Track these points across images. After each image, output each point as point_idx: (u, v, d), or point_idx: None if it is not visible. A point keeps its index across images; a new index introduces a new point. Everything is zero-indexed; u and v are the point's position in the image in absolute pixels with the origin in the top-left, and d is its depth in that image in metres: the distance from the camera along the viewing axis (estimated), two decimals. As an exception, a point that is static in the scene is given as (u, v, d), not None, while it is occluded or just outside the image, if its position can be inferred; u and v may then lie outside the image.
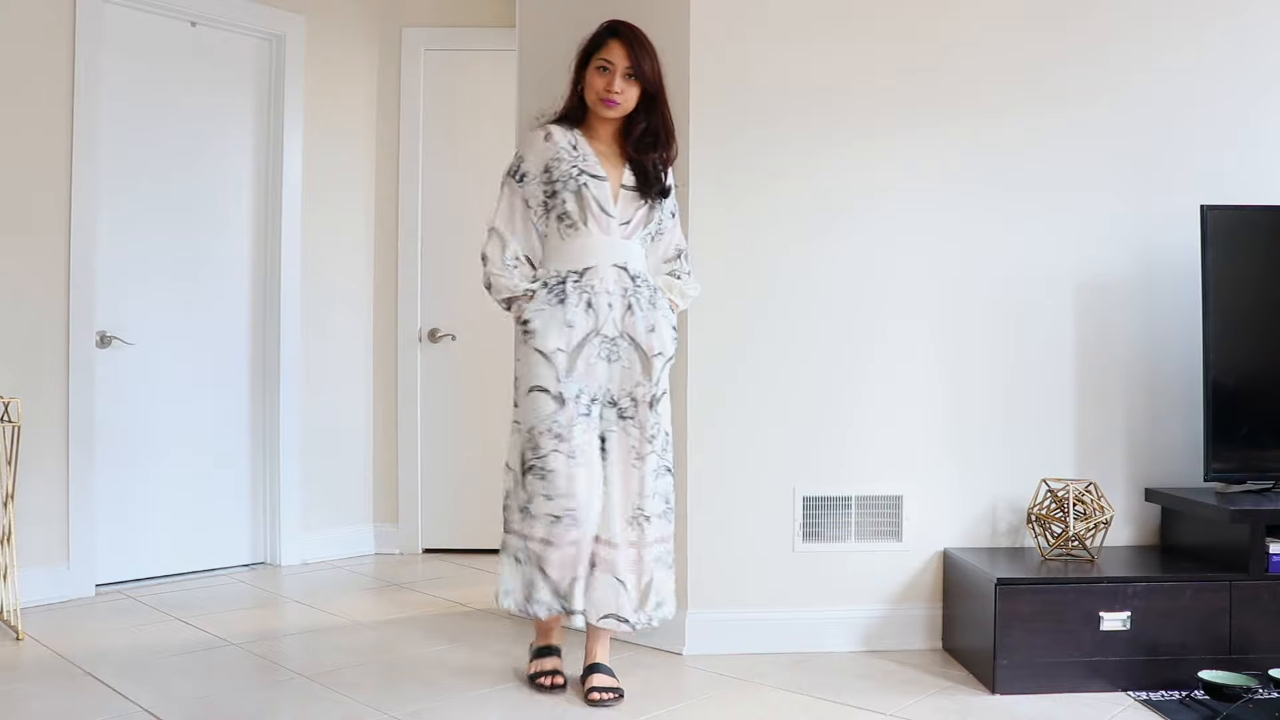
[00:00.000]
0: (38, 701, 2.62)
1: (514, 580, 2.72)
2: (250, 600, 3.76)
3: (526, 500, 2.68)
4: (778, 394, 3.12)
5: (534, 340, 2.66)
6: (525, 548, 2.69)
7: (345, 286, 4.53)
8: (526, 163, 2.75)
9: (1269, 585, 2.78)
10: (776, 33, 3.12)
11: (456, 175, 4.57)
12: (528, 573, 2.70)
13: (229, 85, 4.21)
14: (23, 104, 3.59)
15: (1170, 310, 3.20)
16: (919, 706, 2.65)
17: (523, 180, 2.75)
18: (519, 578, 2.71)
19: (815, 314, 3.13)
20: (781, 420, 3.12)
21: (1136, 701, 2.68)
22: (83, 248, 3.72)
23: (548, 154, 2.72)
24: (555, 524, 2.63)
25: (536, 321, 2.66)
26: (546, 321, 2.66)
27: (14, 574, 3.29)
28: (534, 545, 2.67)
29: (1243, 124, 3.22)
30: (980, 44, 3.17)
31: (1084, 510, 2.95)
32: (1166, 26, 3.21)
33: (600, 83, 2.68)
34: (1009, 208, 3.18)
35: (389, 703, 2.64)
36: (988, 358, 3.18)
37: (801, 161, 3.13)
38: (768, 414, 3.12)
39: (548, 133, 2.74)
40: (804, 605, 3.13)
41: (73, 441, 3.69)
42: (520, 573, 2.71)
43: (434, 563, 4.42)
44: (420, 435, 4.58)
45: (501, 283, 2.72)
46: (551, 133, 2.73)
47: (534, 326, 2.66)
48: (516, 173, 2.76)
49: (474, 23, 4.57)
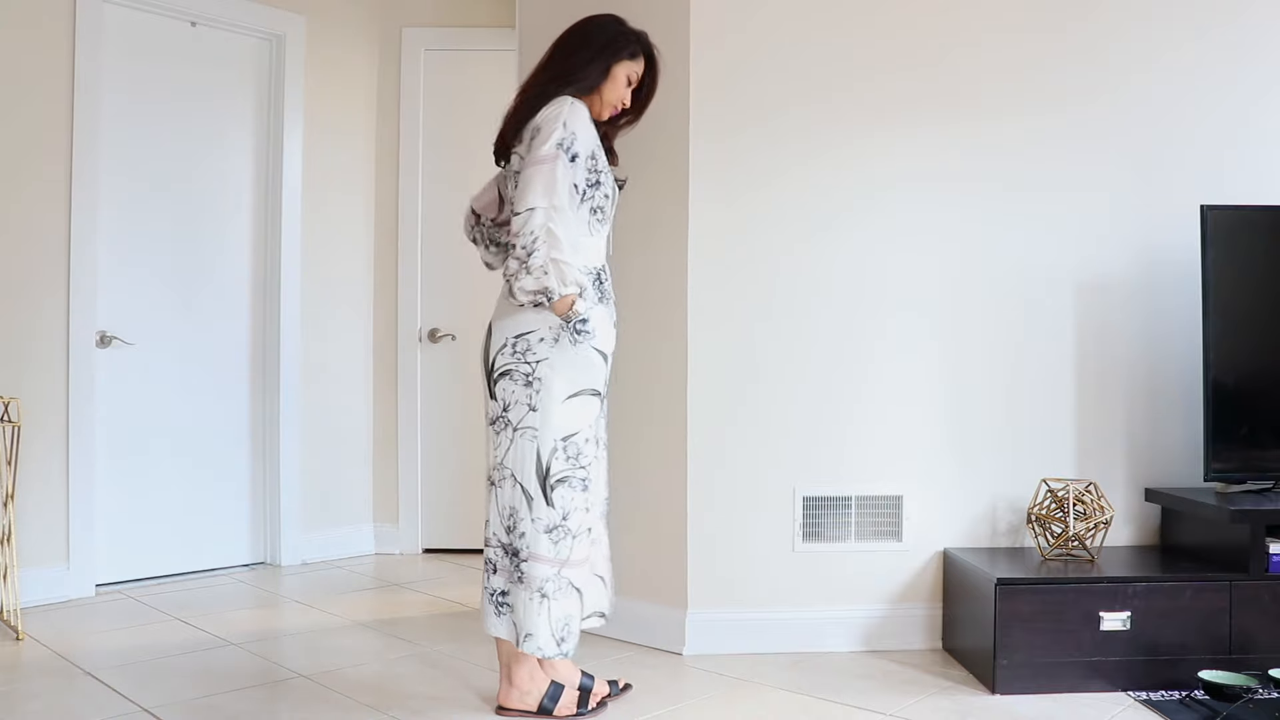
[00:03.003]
0: (38, 701, 2.62)
1: (542, 622, 2.42)
2: (250, 600, 3.76)
3: (560, 519, 2.45)
4: (778, 394, 3.12)
5: (594, 340, 2.47)
6: (558, 577, 2.44)
7: (345, 286, 4.54)
8: (579, 141, 2.44)
9: (1269, 585, 2.78)
10: (777, 31, 3.12)
11: (456, 175, 4.56)
12: (563, 608, 2.45)
13: (229, 85, 4.21)
14: (23, 104, 3.59)
15: (1170, 310, 3.19)
16: (919, 706, 2.64)
17: (574, 160, 2.43)
18: (549, 616, 2.43)
19: (815, 313, 3.13)
20: (781, 420, 3.12)
21: (1136, 701, 2.68)
22: (83, 248, 3.72)
23: (595, 137, 2.51)
24: (588, 535, 2.52)
25: (594, 320, 2.48)
26: (600, 320, 2.51)
27: (14, 574, 3.29)
28: (571, 571, 2.46)
29: (1243, 124, 3.22)
30: (980, 44, 3.17)
31: (1084, 510, 2.95)
32: (1166, 26, 3.21)
33: (624, 94, 2.60)
34: (1009, 207, 3.18)
35: (389, 703, 2.64)
36: (988, 357, 3.18)
37: (802, 160, 3.13)
38: (768, 414, 3.12)
39: (589, 113, 2.50)
40: (804, 605, 3.13)
41: (73, 441, 3.69)
42: (550, 610, 2.43)
43: (434, 563, 4.42)
44: (420, 435, 4.58)
45: (572, 273, 2.42)
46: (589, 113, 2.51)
47: (592, 326, 2.47)
48: (569, 150, 2.41)
49: (474, 23, 4.57)
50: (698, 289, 3.10)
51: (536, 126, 2.45)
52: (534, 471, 2.45)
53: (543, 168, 2.38)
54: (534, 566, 2.43)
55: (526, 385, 2.46)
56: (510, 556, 2.48)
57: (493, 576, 2.52)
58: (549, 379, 2.45)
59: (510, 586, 2.48)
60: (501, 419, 2.48)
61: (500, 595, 2.50)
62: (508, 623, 2.49)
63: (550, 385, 2.45)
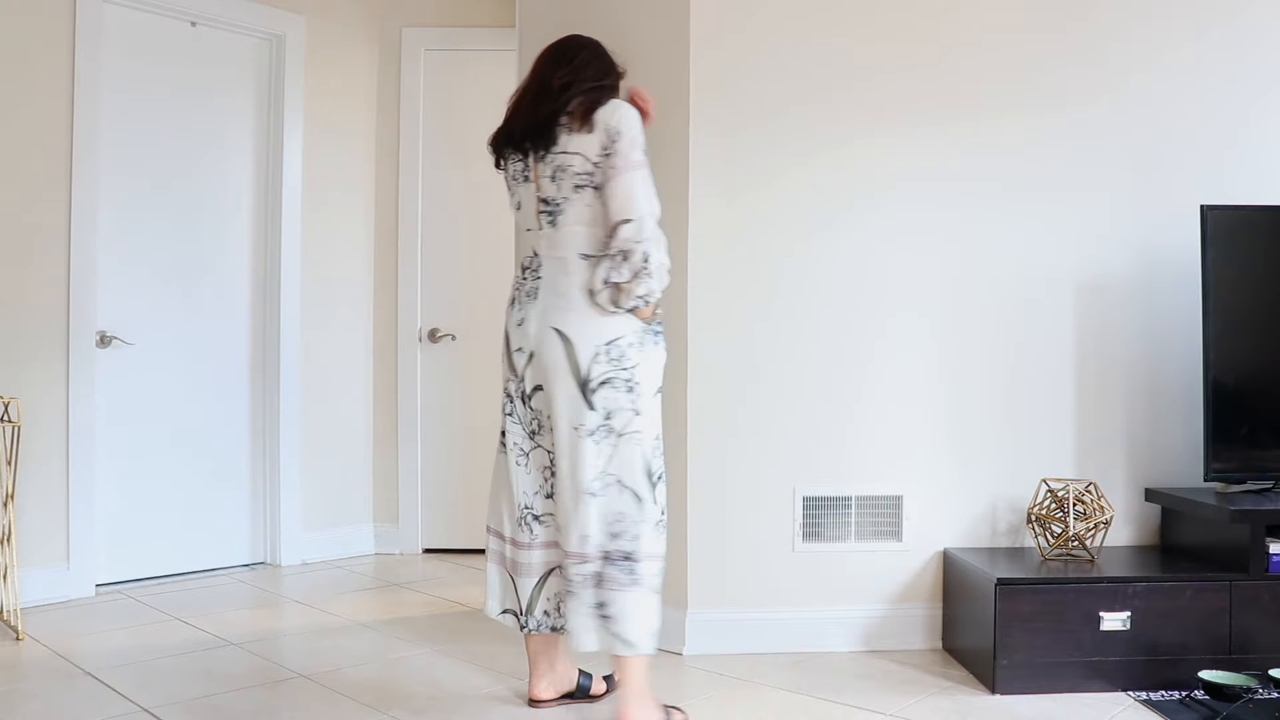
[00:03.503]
0: (38, 701, 2.62)
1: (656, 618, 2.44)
2: (250, 600, 3.76)
3: (660, 514, 2.46)
4: (777, 394, 3.12)
5: (663, 340, 2.52)
6: (661, 572, 2.47)
7: (345, 286, 4.54)
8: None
9: (1269, 585, 2.78)
10: (777, 31, 3.12)
11: (456, 175, 4.56)
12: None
13: (229, 85, 4.21)
14: (23, 104, 3.59)
15: (1170, 310, 3.20)
16: (919, 706, 2.64)
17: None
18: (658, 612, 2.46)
19: (815, 313, 3.13)
20: (781, 420, 3.12)
21: (1136, 701, 2.68)
22: (83, 247, 3.72)
23: None
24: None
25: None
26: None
27: (14, 574, 3.29)
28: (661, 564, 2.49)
29: (1243, 124, 3.22)
30: (980, 44, 3.17)
31: (1084, 510, 2.95)
32: (1166, 26, 3.21)
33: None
34: (1009, 207, 3.18)
35: (389, 703, 2.64)
36: (988, 357, 3.18)
37: (802, 159, 3.13)
38: (768, 414, 3.12)
39: None
40: (804, 605, 3.13)
41: (73, 441, 3.69)
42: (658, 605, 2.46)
43: (434, 563, 4.42)
44: (420, 435, 4.58)
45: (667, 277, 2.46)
46: None
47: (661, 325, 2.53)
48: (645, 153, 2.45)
49: (474, 23, 4.57)
50: (697, 289, 3.10)
51: (615, 130, 2.40)
52: (642, 473, 2.43)
53: (642, 173, 2.39)
54: (650, 564, 2.42)
55: (628, 391, 2.42)
56: (620, 562, 2.41)
57: (594, 589, 2.42)
58: (644, 382, 2.44)
59: (613, 594, 2.40)
60: (604, 427, 2.42)
61: (599, 607, 2.41)
62: (608, 633, 2.41)
63: (645, 388, 2.45)
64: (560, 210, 2.46)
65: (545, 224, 2.49)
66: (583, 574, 2.42)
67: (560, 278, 2.45)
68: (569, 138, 2.43)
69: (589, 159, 2.41)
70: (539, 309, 2.48)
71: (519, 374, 2.55)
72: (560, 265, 2.46)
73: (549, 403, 2.48)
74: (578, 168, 2.42)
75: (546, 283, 2.48)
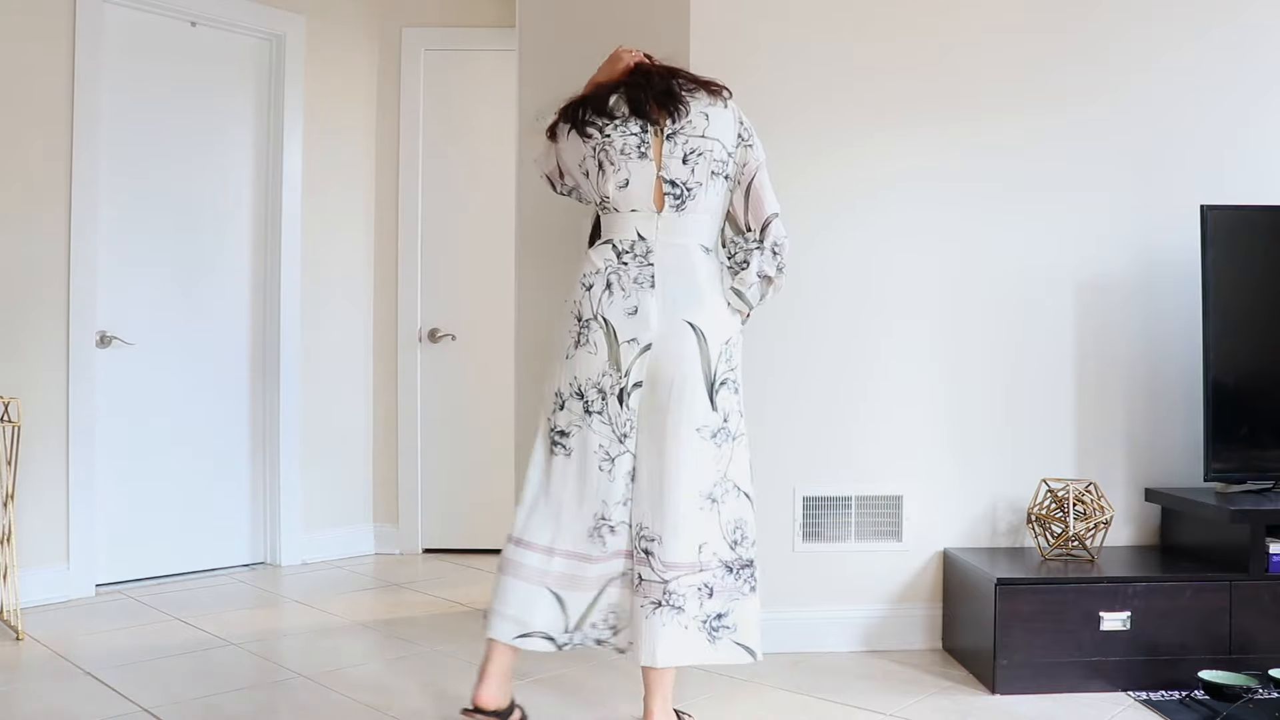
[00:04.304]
0: (38, 701, 2.62)
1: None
2: (250, 600, 3.76)
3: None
4: (778, 394, 3.12)
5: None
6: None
7: (345, 286, 4.54)
8: None
9: (1269, 585, 2.78)
10: (777, 32, 3.12)
11: (456, 175, 4.56)
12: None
13: (229, 85, 4.21)
14: (23, 103, 3.58)
15: (1170, 310, 3.20)
16: (919, 706, 2.65)
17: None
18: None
19: (815, 313, 3.13)
20: (781, 420, 3.12)
21: (1136, 701, 2.68)
22: (83, 247, 3.72)
23: None
24: None
25: None
26: None
27: (14, 574, 3.29)
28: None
29: (1243, 124, 3.22)
30: (980, 44, 3.17)
31: (1084, 510, 2.95)
32: (1166, 26, 3.21)
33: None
34: (1009, 207, 3.18)
35: (389, 703, 2.64)
36: (988, 357, 3.18)
37: (802, 160, 3.12)
38: (768, 414, 3.11)
39: None
40: (804, 605, 3.13)
41: (73, 441, 3.69)
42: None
43: (434, 563, 4.42)
44: (420, 435, 4.58)
45: None
46: None
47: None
48: None
49: (474, 23, 4.57)
50: (698, 289, 3.10)
51: (747, 124, 2.46)
52: (749, 475, 2.40)
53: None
54: (757, 571, 2.38)
55: (736, 393, 2.37)
56: (739, 570, 2.34)
57: (707, 601, 2.31)
58: (742, 384, 2.42)
59: (735, 604, 2.34)
60: (723, 430, 2.32)
61: (716, 619, 2.33)
62: (727, 644, 2.35)
63: (743, 390, 2.42)
64: (691, 195, 2.33)
65: (670, 206, 2.33)
66: (692, 585, 2.28)
67: (685, 266, 2.31)
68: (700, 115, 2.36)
69: (726, 148, 2.38)
70: (661, 298, 2.29)
71: (623, 367, 2.31)
72: (682, 253, 2.32)
73: (657, 400, 2.30)
74: (717, 154, 2.35)
75: (668, 270, 2.30)
